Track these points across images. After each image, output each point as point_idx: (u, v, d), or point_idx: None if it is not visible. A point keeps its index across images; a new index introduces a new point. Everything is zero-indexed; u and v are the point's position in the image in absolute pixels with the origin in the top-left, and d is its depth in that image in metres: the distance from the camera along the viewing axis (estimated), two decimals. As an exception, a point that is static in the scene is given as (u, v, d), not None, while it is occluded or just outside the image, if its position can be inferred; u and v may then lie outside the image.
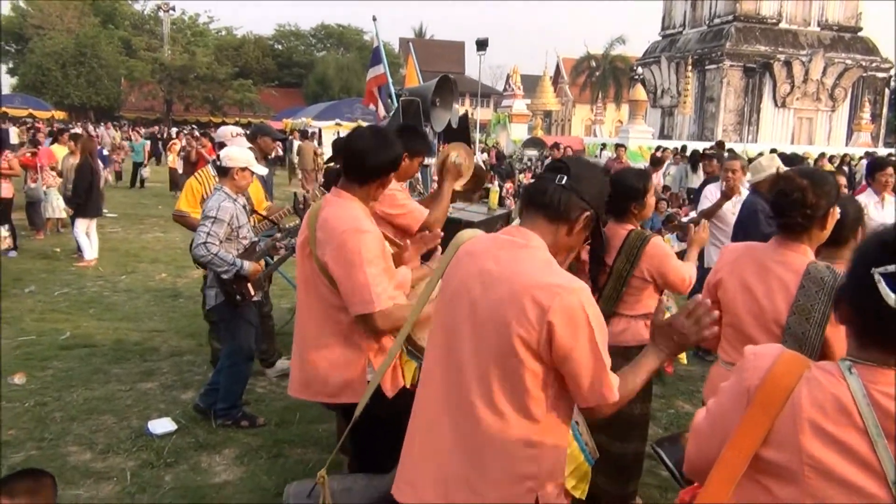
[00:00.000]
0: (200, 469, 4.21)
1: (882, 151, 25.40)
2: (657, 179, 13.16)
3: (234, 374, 4.79)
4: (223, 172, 4.72)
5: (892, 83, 34.47)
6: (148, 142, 25.26)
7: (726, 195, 6.02)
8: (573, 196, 1.97)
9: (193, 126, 41.49)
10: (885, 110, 34.07)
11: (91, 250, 10.33)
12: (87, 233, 10.34)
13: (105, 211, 12.54)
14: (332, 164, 7.20)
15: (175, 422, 4.78)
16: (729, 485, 1.45)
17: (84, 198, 10.32)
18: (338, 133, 29.10)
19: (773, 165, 5.56)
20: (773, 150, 18.99)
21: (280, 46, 61.88)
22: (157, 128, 40.48)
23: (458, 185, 4.34)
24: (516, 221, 2.17)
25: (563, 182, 1.96)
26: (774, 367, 1.46)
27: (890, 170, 5.96)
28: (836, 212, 2.68)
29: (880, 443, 1.32)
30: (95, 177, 10.57)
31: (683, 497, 1.94)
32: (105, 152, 20.22)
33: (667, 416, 5.24)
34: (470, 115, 9.62)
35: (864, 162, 18.12)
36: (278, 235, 5.02)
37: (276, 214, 5.58)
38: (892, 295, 1.32)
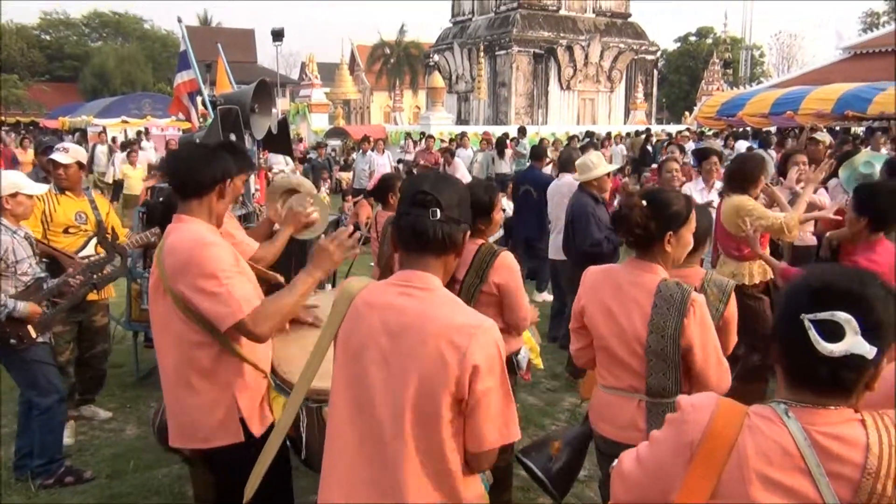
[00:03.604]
0: (25, 544, 3.71)
1: (655, 128, 27.79)
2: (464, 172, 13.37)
3: (47, 422, 4.24)
4: None
5: (660, 64, 37.81)
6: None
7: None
8: (453, 224, 1.94)
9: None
10: (654, 89, 37.28)
11: None
12: None
13: None
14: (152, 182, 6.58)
15: (-17, 490, 4.17)
16: None
17: None
18: (124, 132, 27.22)
19: (601, 164, 5.77)
20: (571, 138, 20.13)
21: (48, 37, 56.17)
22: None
23: (301, 236, 3.96)
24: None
25: (439, 216, 1.91)
26: (715, 420, 1.48)
27: (713, 158, 6.45)
28: (684, 237, 2.72)
29: (822, 481, 1.38)
30: None
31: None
32: None
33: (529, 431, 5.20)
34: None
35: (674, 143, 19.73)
36: (71, 271, 4.47)
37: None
38: (823, 342, 1.36)
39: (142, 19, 58.35)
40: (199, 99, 6.40)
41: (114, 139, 18.24)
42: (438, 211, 1.90)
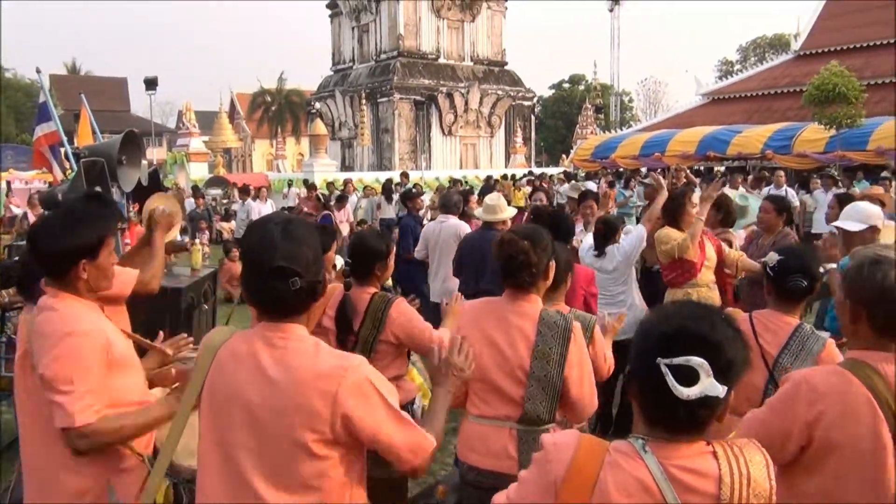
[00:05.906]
0: None
1: (535, 170, 28.74)
2: (347, 216, 13.37)
3: None
4: None
5: (536, 110, 39.30)
6: None
7: None
8: (312, 283, 1.88)
9: None
10: (533, 134, 38.64)
11: None
12: None
13: None
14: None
15: None
16: None
17: None
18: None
19: (507, 207, 5.88)
20: (456, 181, 20.47)
21: None
22: None
23: (172, 235, 3.97)
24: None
25: (299, 284, 1.83)
26: (576, 457, 1.53)
27: (590, 200, 6.61)
28: (553, 263, 2.91)
29: None
30: None
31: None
32: None
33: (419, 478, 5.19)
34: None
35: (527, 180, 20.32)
36: None
37: None
38: (679, 386, 1.43)
39: (2, 68, 55.37)
40: (62, 150, 6.12)
41: None
42: (298, 279, 1.82)
